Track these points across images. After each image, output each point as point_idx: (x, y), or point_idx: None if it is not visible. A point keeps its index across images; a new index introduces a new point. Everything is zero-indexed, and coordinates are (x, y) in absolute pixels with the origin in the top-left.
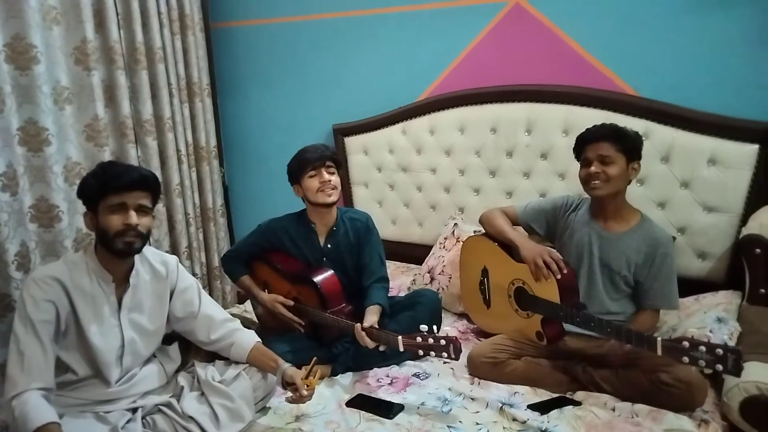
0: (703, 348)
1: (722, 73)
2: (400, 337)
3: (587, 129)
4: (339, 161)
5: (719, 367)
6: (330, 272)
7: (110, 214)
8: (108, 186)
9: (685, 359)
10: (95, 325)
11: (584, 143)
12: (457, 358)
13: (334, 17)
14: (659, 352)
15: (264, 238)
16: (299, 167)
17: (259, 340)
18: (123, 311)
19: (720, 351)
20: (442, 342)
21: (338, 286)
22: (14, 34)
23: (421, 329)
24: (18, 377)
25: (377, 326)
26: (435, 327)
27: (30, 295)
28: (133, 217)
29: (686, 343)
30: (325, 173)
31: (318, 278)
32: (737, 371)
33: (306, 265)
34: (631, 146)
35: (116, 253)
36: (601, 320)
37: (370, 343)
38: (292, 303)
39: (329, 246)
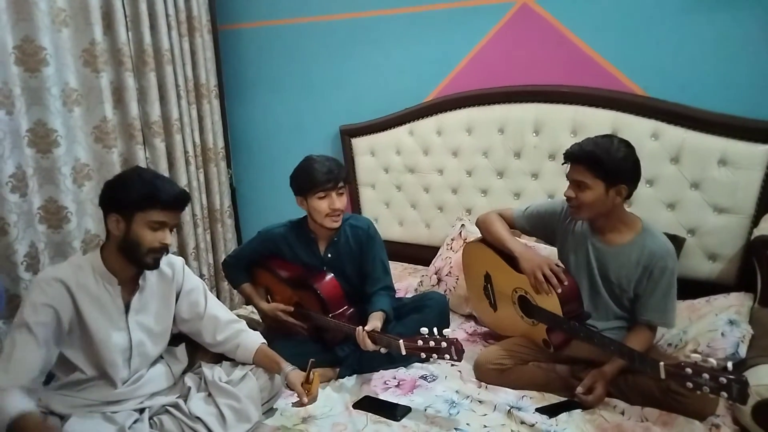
0: (706, 375)
1: (732, 72)
2: (401, 341)
3: (572, 146)
4: (348, 180)
5: (724, 394)
6: (330, 276)
7: (148, 229)
8: (157, 203)
9: (689, 384)
10: (102, 328)
11: (565, 160)
12: (459, 360)
13: (342, 19)
14: (662, 376)
15: (263, 246)
16: (309, 185)
17: (265, 341)
18: (131, 314)
19: (724, 380)
20: (444, 344)
21: (339, 289)
22: (24, 37)
23: (421, 332)
24: (0, 378)
25: (378, 331)
26: (435, 329)
27: (31, 300)
28: (169, 237)
29: (689, 370)
30: (335, 199)
31: (317, 283)
32: (743, 400)
33: (306, 270)
34: (610, 172)
35: (142, 265)
36: (603, 338)
37: (371, 346)
38: (291, 309)
39: (329, 255)
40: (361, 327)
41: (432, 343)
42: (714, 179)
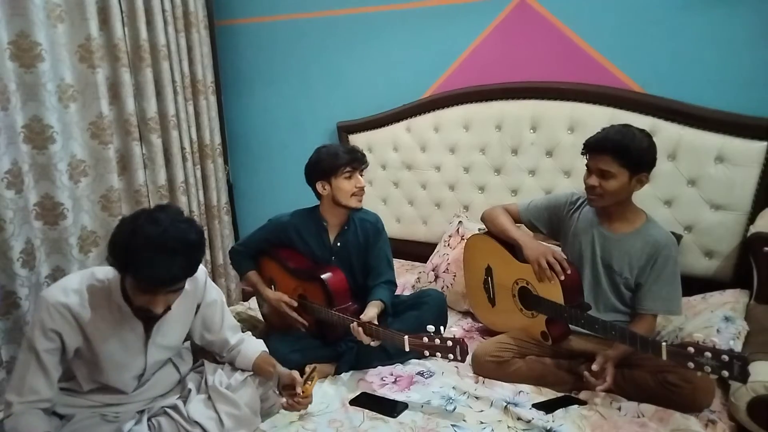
0: (708, 354)
1: (729, 69)
2: (406, 337)
3: (594, 135)
4: (367, 164)
5: (725, 373)
6: (337, 270)
7: (137, 291)
8: (138, 282)
9: (691, 364)
10: (116, 355)
11: (588, 151)
12: (463, 360)
13: (338, 14)
14: (664, 356)
15: (273, 234)
16: (336, 165)
17: (266, 349)
18: (152, 339)
19: (726, 357)
20: (449, 343)
21: (345, 284)
22: (19, 32)
23: (428, 330)
24: (14, 400)
25: (377, 322)
26: (442, 328)
27: (40, 320)
28: (160, 307)
29: (691, 349)
30: (360, 177)
31: (325, 275)
32: (743, 378)
33: (313, 262)
34: (636, 160)
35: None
36: (605, 323)
37: (365, 339)
38: (296, 304)
39: (339, 244)
40: (355, 323)
41: (437, 341)
42: (711, 176)
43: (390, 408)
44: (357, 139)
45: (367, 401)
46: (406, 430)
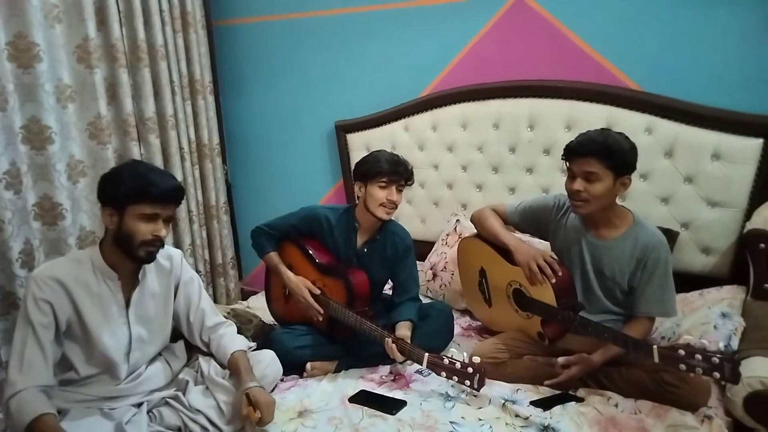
0: (699, 356)
1: (726, 67)
2: (426, 354)
3: (576, 139)
4: (412, 181)
5: (716, 374)
6: (363, 273)
7: (140, 221)
8: (147, 195)
9: (682, 366)
10: (103, 324)
11: (570, 155)
12: (478, 390)
13: (336, 14)
14: (656, 359)
15: (304, 223)
16: (374, 171)
17: (241, 348)
18: (131, 308)
19: (716, 360)
20: (469, 369)
21: (368, 288)
22: (16, 33)
23: (450, 352)
24: (16, 378)
25: (409, 341)
26: (465, 354)
27: (31, 294)
28: (163, 230)
29: (682, 351)
30: (395, 192)
31: (353, 275)
32: (735, 379)
33: (337, 260)
34: (620, 162)
35: (136, 259)
36: (597, 325)
37: (399, 357)
38: (318, 291)
39: (365, 250)
40: (390, 338)
41: (458, 366)
42: (707, 173)
43: (389, 405)
44: (355, 138)
45: (366, 399)
46: (405, 427)
